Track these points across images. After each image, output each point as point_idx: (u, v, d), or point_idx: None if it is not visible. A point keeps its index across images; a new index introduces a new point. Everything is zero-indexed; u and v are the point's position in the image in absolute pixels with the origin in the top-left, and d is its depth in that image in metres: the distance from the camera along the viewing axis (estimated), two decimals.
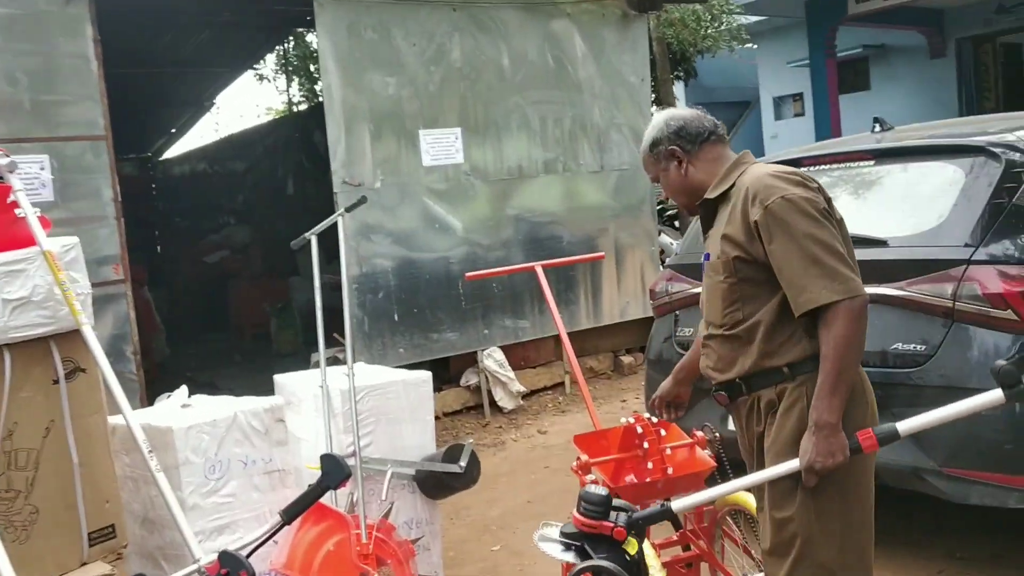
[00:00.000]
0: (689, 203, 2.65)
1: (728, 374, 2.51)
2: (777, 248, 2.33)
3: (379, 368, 4.24)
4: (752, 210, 2.36)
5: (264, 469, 3.42)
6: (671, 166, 2.61)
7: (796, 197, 2.34)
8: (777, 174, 2.41)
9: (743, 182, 2.45)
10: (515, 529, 4.80)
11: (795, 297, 2.32)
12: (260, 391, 3.80)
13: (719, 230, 2.49)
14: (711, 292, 2.53)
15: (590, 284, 7.62)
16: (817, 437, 2.27)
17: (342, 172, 6.33)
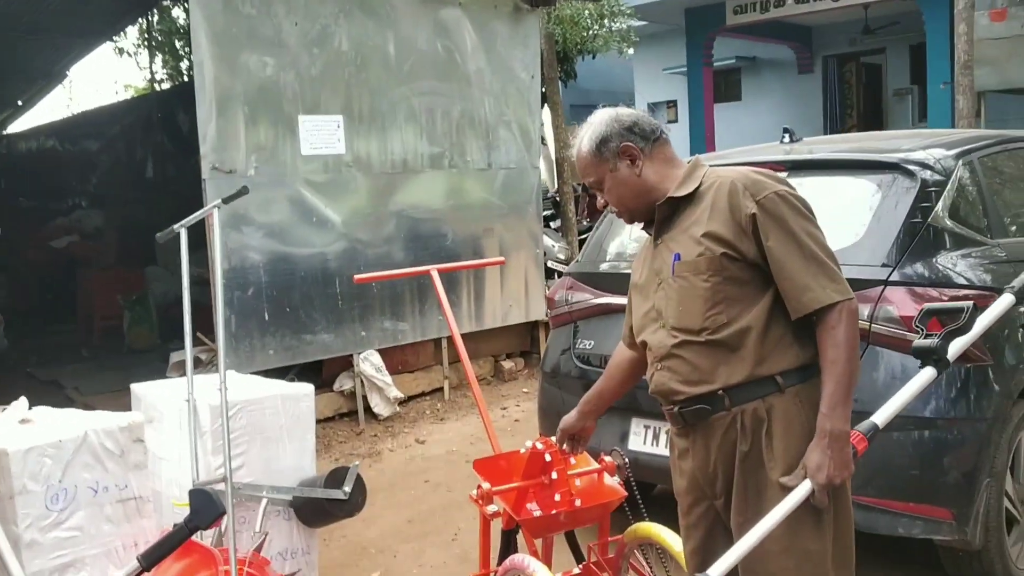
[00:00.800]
0: (637, 207, 2.42)
1: (706, 387, 2.27)
2: (775, 245, 2.18)
3: (252, 379, 3.82)
4: (744, 203, 2.20)
5: (118, 497, 2.98)
6: (622, 166, 2.38)
7: (787, 193, 2.23)
8: (758, 171, 2.30)
9: (717, 178, 2.30)
10: (395, 552, 4.46)
11: (798, 296, 2.17)
12: (109, 392, 3.39)
13: (692, 229, 2.29)
14: (684, 295, 2.29)
15: (473, 286, 7.33)
16: (833, 449, 2.12)
17: (212, 157, 5.80)
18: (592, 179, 2.44)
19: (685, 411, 2.32)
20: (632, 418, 3.98)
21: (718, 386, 2.25)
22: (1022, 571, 3.56)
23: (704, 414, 2.29)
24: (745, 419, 2.24)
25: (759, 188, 2.22)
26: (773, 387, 2.22)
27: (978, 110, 9.71)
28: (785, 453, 2.21)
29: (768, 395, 2.23)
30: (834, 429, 2.12)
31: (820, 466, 2.12)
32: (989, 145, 4.16)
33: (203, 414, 3.23)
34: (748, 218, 2.19)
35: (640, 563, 3.14)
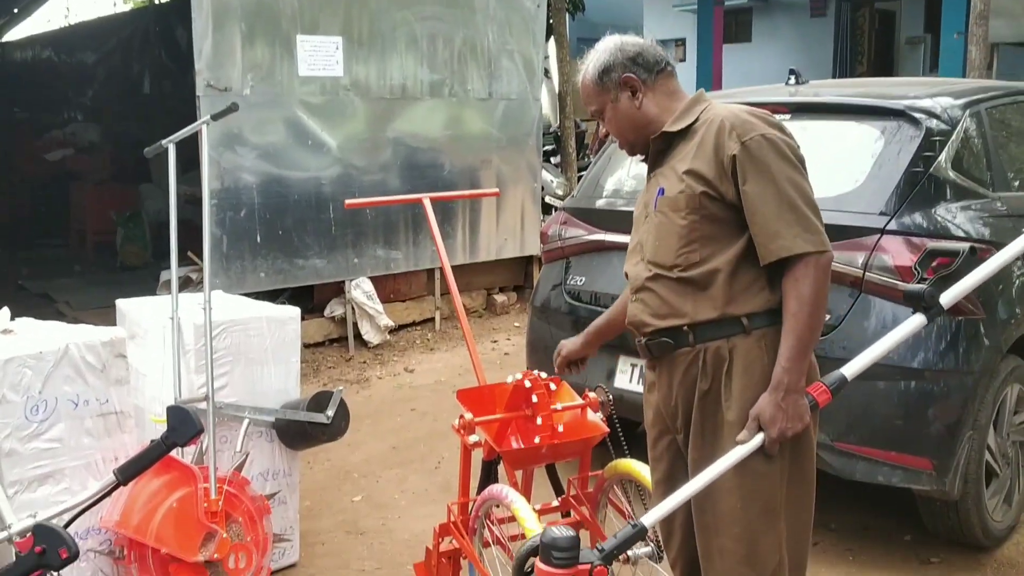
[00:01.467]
0: (636, 140, 2.38)
1: (671, 321, 2.26)
2: (752, 189, 2.14)
3: (239, 299, 3.78)
4: (728, 143, 2.16)
5: (99, 411, 2.96)
6: (623, 97, 2.34)
7: (776, 138, 2.17)
8: (753, 112, 2.23)
9: (712, 115, 2.24)
10: (378, 477, 4.48)
11: (766, 243, 2.14)
12: (100, 307, 3.37)
13: (678, 165, 2.26)
14: (662, 230, 2.28)
15: (468, 219, 7.26)
16: (786, 401, 2.11)
17: (207, 74, 5.69)
18: (594, 107, 2.40)
19: (651, 343, 2.32)
20: (619, 356, 3.96)
21: (684, 322, 2.25)
22: (998, 523, 3.59)
23: (668, 348, 2.29)
24: (707, 357, 2.24)
25: (746, 129, 2.17)
26: (738, 328, 2.21)
27: (990, 62, 9.54)
28: (742, 394, 2.20)
29: (733, 335, 2.22)
30: (790, 383, 2.11)
31: (773, 419, 2.11)
32: (998, 96, 4.08)
33: (187, 332, 3.20)
34: (730, 158, 2.16)
35: (619, 499, 3.15)
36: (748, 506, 2.21)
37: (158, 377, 3.30)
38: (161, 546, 2.87)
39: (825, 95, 4.01)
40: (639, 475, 2.98)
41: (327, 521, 4.01)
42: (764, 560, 2.23)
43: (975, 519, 3.46)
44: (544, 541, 1.91)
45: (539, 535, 1.94)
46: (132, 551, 2.91)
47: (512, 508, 2.80)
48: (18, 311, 3.25)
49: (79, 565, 2.92)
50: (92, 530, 2.95)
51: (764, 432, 2.12)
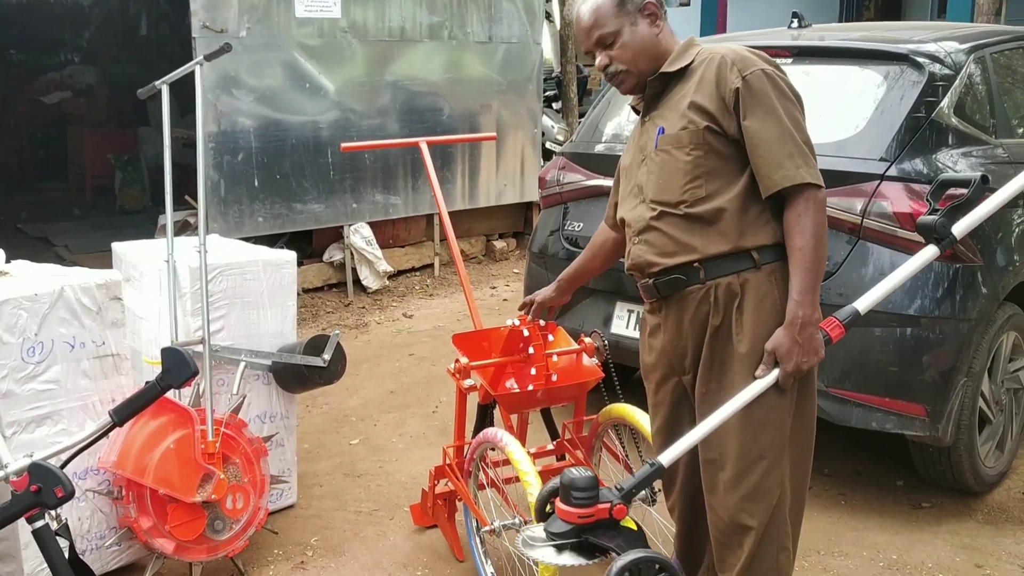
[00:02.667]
0: (646, 70, 2.33)
1: (680, 258, 2.26)
2: (754, 122, 2.16)
3: (236, 243, 3.77)
4: (730, 77, 2.17)
5: (95, 353, 2.96)
6: (642, 23, 2.31)
7: (775, 74, 2.20)
8: (750, 49, 2.26)
9: (710, 53, 2.25)
10: (376, 421, 4.51)
11: (769, 173, 2.15)
12: (100, 251, 3.36)
13: (679, 102, 2.27)
14: (665, 168, 2.28)
15: (468, 164, 7.22)
16: (802, 335, 2.13)
17: (203, 15, 5.61)
18: (606, 30, 2.31)
19: (659, 282, 2.31)
20: (616, 302, 3.97)
21: (694, 258, 2.24)
22: (990, 469, 3.62)
23: (678, 284, 2.28)
24: (719, 293, 2.24)
25: (747, 64, 2.19)
26: (749, 263, 2.22)
27: (999, 8, 9.39)
28: (754, 328, 2.21)
29: (743, 270, 2.22)
30: (804, 316, 2.12)
31: (789, 352, 2.14)
32: (1004, 42, 4.02)
33: (183, 275, 3.19)
34: (732, 92, 2.16)
35: (613, 443, 3.17)
36: (756, 439, 2.23)
37: (155, 320, 3.29)
38: (159, 487, 2.89)
39: (828, 39, 3.95)
40: (633, 419, 3.00)
41: (325, 463, 4.04)
42: (768, 493, 2.25)
43: (967, 465, 3.49)
44: (563, 482, 1.94)
45: (559, 477, 1.97)
46: (130, 491, 2.93)
47: (507, 451, 2.82)
48: (17, 255, 3.24)
49: (78, 504, 2.95)
50: (90, 470, 2.98)
51: (780, 366, 2.14)
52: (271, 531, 3.39)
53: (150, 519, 2.93)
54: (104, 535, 3.05)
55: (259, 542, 3.33)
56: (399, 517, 3.57)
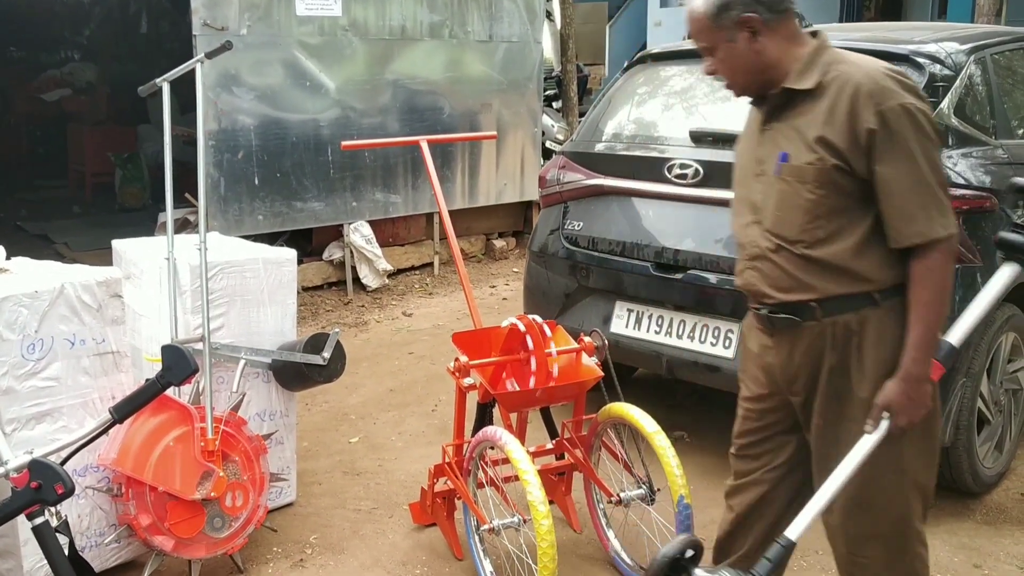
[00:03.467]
0: (749, 84, 2.20)
1: (797, 295, 2.17)
2: (888, 169, 2.02)
3: (236, 241, 3.77)
4: (864, 114, 2.01)
5: (95, 350, 2.96)
6: (740, 38, 2.12)
7: (916, 108, 2.03)
8: (890, 73, 2.06)
9: (844, 74, 2.07)
10: (375, 420, 4.52)
11: (900, 226, 2.04)
12: (99, 249, 3.37)
13: (805, 129, 2.10)
14: (785, 199, 2.14)
15: (468, 163, 7.22)
16: (914, 390, 2.07)
17: (203, 13, 5.61)
18: (703, 44, 2.20)
19: (773, 317, 2.23)
20: (616, 301, 3.97)
21: (812, 297, 2.15)
22: (988, 470, 3.62)
23: (793, 324, 2.19)
24: (836, 331, 2.15)
25: (884, 97, 2.01)
26: (868, 300, 2.12)
27: (999, 8, 9.39)
28: (875, 367, 2.13)
29: (862, 308, 2.13)
30: (920, 373, 2.06)
31: (902, 409, 2.07)
32: (1004, 43, 4.02)
33: (183, 273, 3.19)
34: (866, 133, 2.01)
35: (612, 442, 3.18)
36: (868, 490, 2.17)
37: (155, 317, 3.30)
38: (158, 484, 2.89)
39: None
40: (632, 419, 3.00)
41: (324, 462, 4.05)
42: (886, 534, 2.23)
43: (966, 465, 3.49)
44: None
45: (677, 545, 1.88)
46: (130, 488, 2.94)
47: (506, 450, 2.82)
48: (16, 252, 3.24)
49: (77, 501, 2.95)
50: (90, 468, 2.98)
51: (891, 419, 2.08)
52: (270, 529, 3.39)
53: (149, 516, 2.93)
54: (104, 532, 3.06)
55: (258, 540, 3.34)
56: (398, 515, 3.57)
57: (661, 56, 4.34)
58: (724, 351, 3.64)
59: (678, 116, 4.08)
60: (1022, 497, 3.65)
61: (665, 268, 3.77)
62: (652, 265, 3.80)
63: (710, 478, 3.82)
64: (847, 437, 2.16)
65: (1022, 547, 3.31)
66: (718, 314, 3.67)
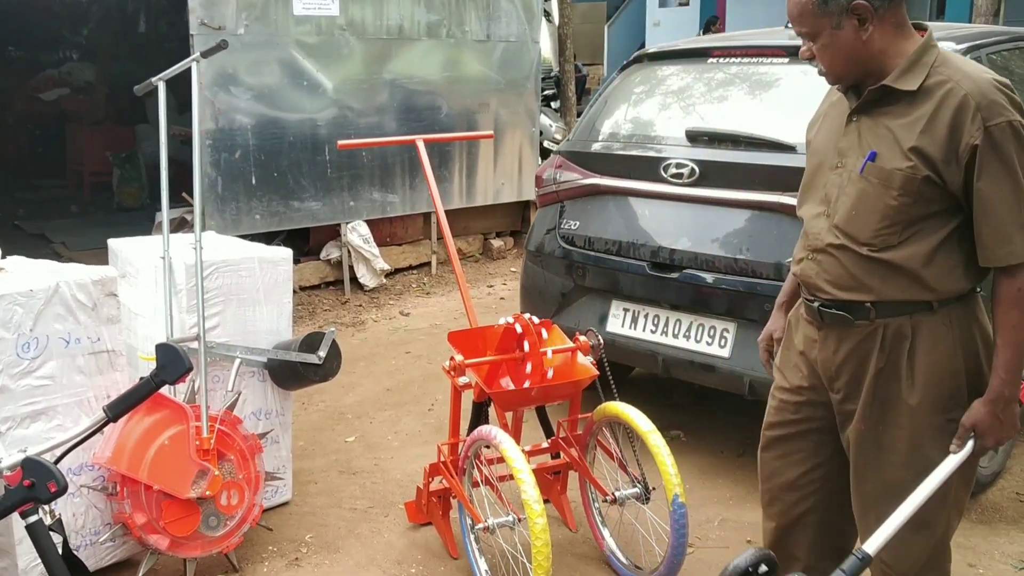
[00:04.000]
0: (848, 73, 2.08)
1: (854, 295, 2.10)
2: (988, 186, 1.95)
3: (232, 240, 3.77)
4: (971, 129, 1.93)
5: (90, 349, 2.96)
6: (848, 26, 2.00)
7: (1021, 125, 1.95)
8: (999, 86, 1.97)
9: (950, 80, 1.98)
10: (372, 419, 4.52)
11: (995, 246, 1.97)
12: (97, 248, 3.39)
13: (900, 133, 2.02)
14: (863, 199, 2.06)
15: (466, 162, 7.22)
16: (1005, 413, 2.02)
17: (200, 12, 5.61)
18: (805, 29, 2.06)
19: (824, 312, 2.17)
20: (612, 300, 3.97)
21: (869, 299, 2.09)
22: (984, 469, 3.63)
23: (844, 322, 2.14)
24: (887, 333, 2.10)
25: (993, 112, 1.93)
26: (925, 307, 2.07)
27: (997, 8, 9.39)
28: (926, 377, 2.08)
29: (917, 312, 2.07)
30: (1011, 395, 2.01)
31: (991, 430, 2.03)
32: (1001, 42, 4.02)
33: (178, 272, 3.19)
34: (969, 148, 1.94)
35: (607, 441, 3.18)
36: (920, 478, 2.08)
37: (150, 316, 3.30)
38: (153, 483, 2.90)
39: None
40: (628, 418, 3.01)
41: (320, 461, 4.05)
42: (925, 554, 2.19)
43: None
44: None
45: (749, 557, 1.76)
46: (125, 487, 2.94)
47: (501, 449, 2.83)
48: (14, 251, 3.24)
49: (72, 500, 2.95)
50: (85, 466, 2.98)
51: (978, 441, 2.04)
52: (266, 528, 3.39)
53: (145, 515, 2.94)
54: (98, 531, 3.06)
55: (254, 539, 3.34)
56: (394, 514, 3.57)
57: (658, 56, 4.34)
58: (720, 350, 3.65)
59: (674, 116, 4.08)
60: (1017, 496, 3.65)
61: (661, 267, 3.77)
62: (648, 264, 3.81)
63: (706, 477, 3.83)
64: (891, 444, 2.12)
65: (1017, 546, 3.31)
66: (714, 313, 3.67)
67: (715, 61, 4.03)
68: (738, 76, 3.95)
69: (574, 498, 3.47)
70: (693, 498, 3.53)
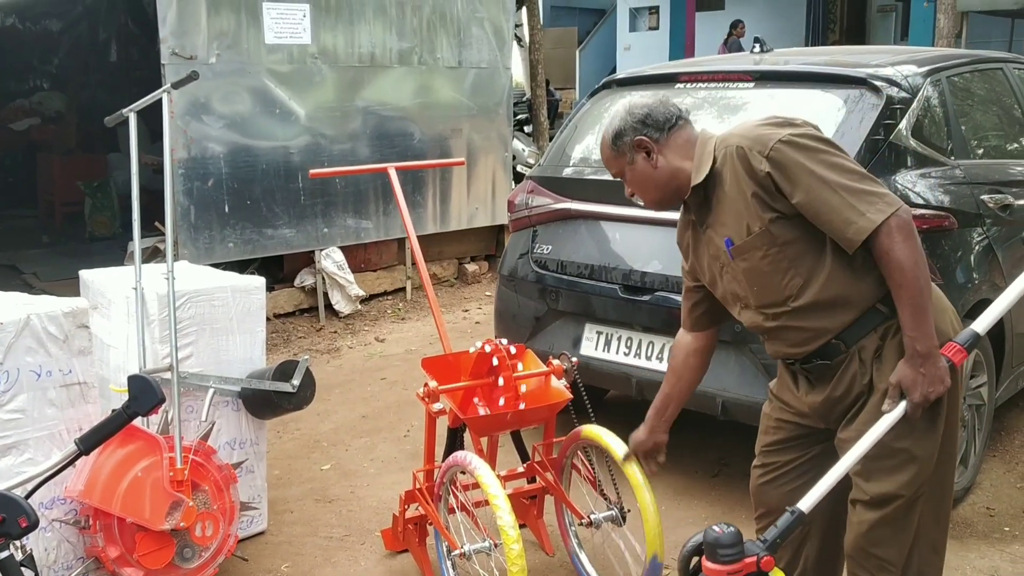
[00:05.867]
0: (661, 197, 2.41)
1: (817, 342, 2.26)
2: (802, 195, 2.13)
3: (205, 270, 3.77)
4: (756, 166, 2.17)
5: (62, 382, 2.95)
6: (638, 159, 2.38)
7: (791, 137, 2.16)
8: (760, 123, 2.24)
9: (726, 148, 2.24)
10: (347, 446, 4.51)
11: (843, 234, 2.12)
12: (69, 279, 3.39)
13: (729, 208, 2.25)
14: (752, 274, 2.27)
15: (439, 187, 7.25)
16: (925, 367, 2.11)
17: (172, 42, 5.62)
18: (614, 171, 2.45)
19: (809, 368, 2.32)
20: (585, 323, 4.00)
21: (830, 337, 2.24)
22: (954, 485, 3.66)
23: (827, 368, 2.28)
24: (864, 354, 2.23)
25: (764, 142, 2.16)
26: (880, 316, 2.20)
27: (959, 31, 9.59)
28: (893, 365, 2.19)
29: (879, 324, 2.21)
30: (923, 348, 2.10)
31: (914, 383, 2.11)
32: (961, 64, 4.11)
33: (151, 303, 3.19)
34: (765, 177, 2.15)
35: (583, 464, 3.19)
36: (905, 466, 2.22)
37: (123, 348, 3.29)
38: (126, 515, 2.88)
39: (789, 63, 4.02)
40: (603, 441, 3.02)
41: (296, 489, 4.03)
42: (904, 533, 2.27)
43: None
44: (708, 540, 1.92)
45: (700, 534, 1.96)
46: (97, 520, 2.92)
47: (476, 475, 2.83)
48: None
49: (44, 535, 2.93)
50: (57, 500, 2.96)
51: (907, 398, 2.13)
52: (241, 558, 3.37)
53: (118, 548, 2.91)
54: (71, 565, 3.03)
55: (229, 569, 3.31)
56: (370, 542, 3.56)
57: (626, 81, 4.40)
58: None
59: None
60: (987, 511, 3.69)
61: (633, 290, 3.81)
62: (620, 287, 3.84)
63: (681, 498, 3.85)
64: None
65: (988, 561, 3.35)
66: None
67: (683, 86, 4.09)
68: (706, 100, 4.01)
69: (551, 522, 3.48)
70: (668, 519, 3.54)
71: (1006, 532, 3.55)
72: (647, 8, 19.30)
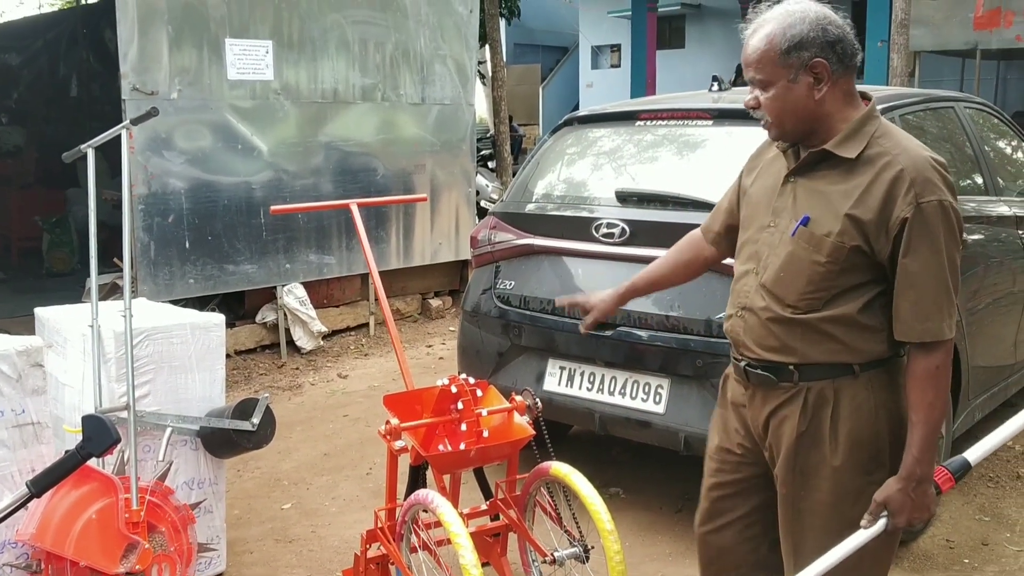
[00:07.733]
0: (793, 129, 2.08)
1: (777, 356, 2.12)
2: (914, 263, 1.97)
3: (163, 307, 3.73)
4: (903, 203, 1.96)
5: (14, 422, 2.89)
6: (803, 82, 2.02)
7: (951, 207, 1.98)
8: (935, 165, 2.00)
9: (888, 153, 2.01)
10: (309, 485, 4.45)
11: (913, 322, 1.99)
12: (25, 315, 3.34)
13: (836, 199, 2.03)
14: (792, 262, 2.08)
15: (402, 223, 7.25)
16: (916, 492, 2.00)
17: (133, 78, 5.60)
18: (759, 76, 2.05)
19: (750, 370, 2.19)
20: (548, 359, 4.00)
21: (792, 361, 2.11)
22: None
23: (768, 382, 2.16)
24: (809, 397, 2.10)
25: (926, 190, 1.95)
26: (847, 371, 2.08)
27: (912, 70, 9.81)
28: (849, 437, 2.09)
29: (839, 376, 2.09)
30: (923, 473, 2.00)
31: (902, 508, 2.00)
32: (914, 103, 4.20)
33: (107, 340, 3.14)
34: (899, 221, 1.96)
35: (546, 501, 3.18)
36: None
37: (78, 386, 3.23)
38: (80, 558, 2.81)
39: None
40: (566, 477, 3.01)
41: (256, 529, 3.96)
42: None
43: None
44: None
45: None
46: (50, 564, 2.85)
47: (438, 513, 2.80)
48: None
49: None
50: (8, 543, 2.88)
51: (890, 519, 2.01)
52: None
53: None
54: None
55: None
56: None
57: (587, 119, 4.44)
58: (655, 406, 3.69)
59: (605, 177, 4.17)
60: (947, 543, 3.72)
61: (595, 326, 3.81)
62: (582, 323, 3.84)
63: (646, 534, 3.84)
64: (811, 508, 2.13)
65: None
66: (648, 370, 3.72)
67: (643, 124, 4.14)
68: (665, 138, 4.06)
69: (514, 560, 3.45)
70: (633, 556, 3.53)
71: (966, 564, 3.58)
72: (609, 46, 19.63)
